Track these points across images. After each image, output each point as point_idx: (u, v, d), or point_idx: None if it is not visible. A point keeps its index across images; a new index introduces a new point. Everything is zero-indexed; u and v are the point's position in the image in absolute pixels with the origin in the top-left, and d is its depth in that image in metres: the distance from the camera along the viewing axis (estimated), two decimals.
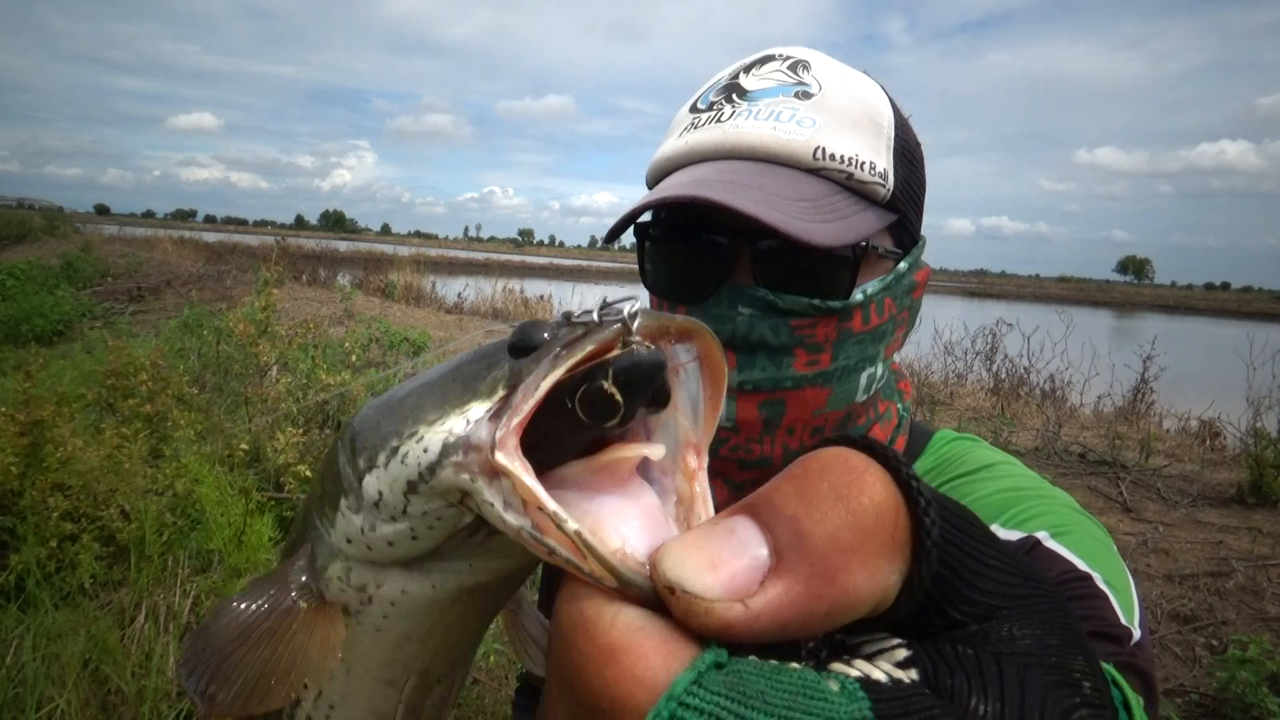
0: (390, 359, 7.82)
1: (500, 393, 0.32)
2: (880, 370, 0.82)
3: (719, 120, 0.80)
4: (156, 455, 3.85)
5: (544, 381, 0.30)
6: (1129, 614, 0.65)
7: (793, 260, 0.75)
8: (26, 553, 3.04)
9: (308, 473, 3.95)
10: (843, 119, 0.78)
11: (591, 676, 0.24)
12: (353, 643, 0.37)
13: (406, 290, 17.67)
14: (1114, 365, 9.69)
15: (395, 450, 0.33)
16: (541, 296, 18.24)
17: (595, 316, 0.31)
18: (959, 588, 0.25)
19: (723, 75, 0.86)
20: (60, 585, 3.06)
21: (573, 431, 0.31)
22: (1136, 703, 0.50)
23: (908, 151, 0.83)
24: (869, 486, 0.25)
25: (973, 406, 9.40)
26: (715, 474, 0.84)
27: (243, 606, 0.37)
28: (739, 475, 0.80)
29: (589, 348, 0.30)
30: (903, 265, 0.82)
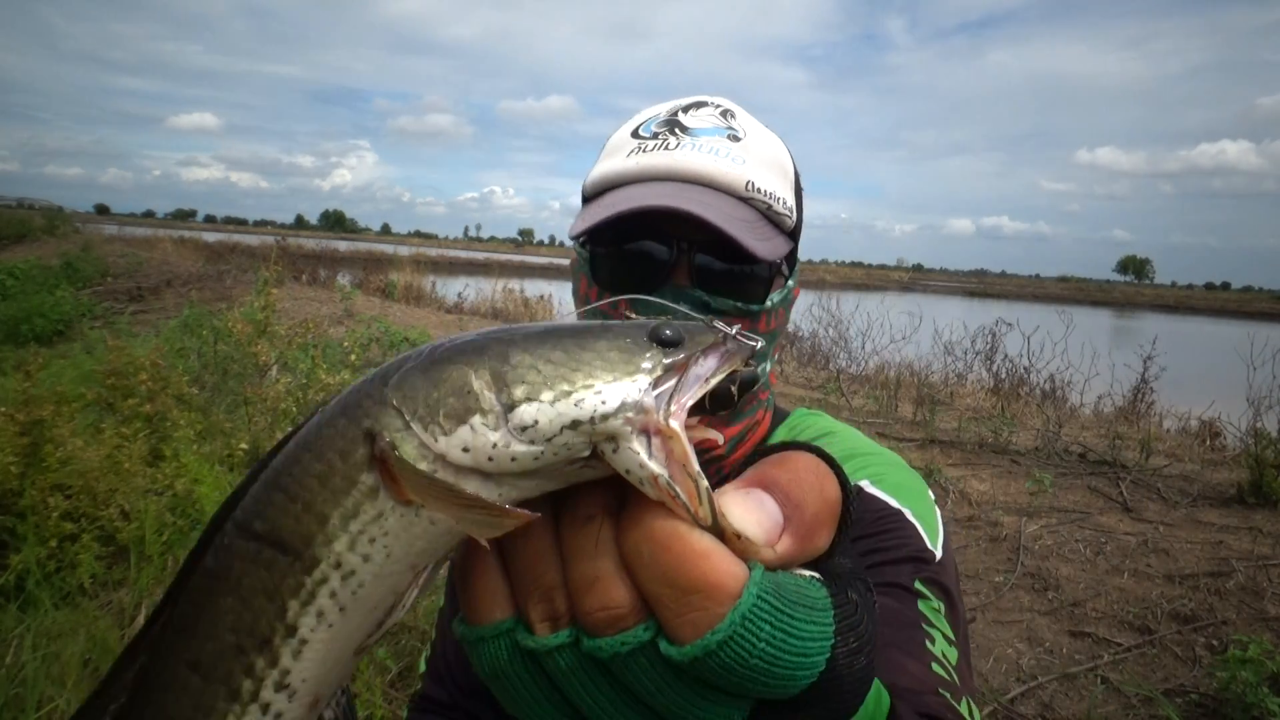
0: (390, 359, 7.81)
1: (659, 373, 0.41)
2: (769, 366, 1.02)
3: (667, 148, 0.95)
4: (156, 455, 3.85)
5: (715, 378, 0.42)
6: (933, 540, 0.87)
7: (725, 269, 0.91)
8: (26, 553, 3.04)
9: None
10: (763, 161, 0.97)
11: (690, 568, 0.36)
12: (403, 530, 0.40)
13: (406, 290, 17.66)
14: (1114, 365, 9.70)
15: (567, 394, 0.40)
16: (541, 296, 18.24)
17: (724, 333, 0.44)
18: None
19: (660, 111, 1.03)
20: (60, 585, 3.06)
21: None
22: (932, 608, 0.79)
23: (799, 196, 1.04)
24: (831, 483, 0.42)
25: (973, 406, 9.40)
26: None
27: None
28: None
29: (740, 359, 0.43)
30: (791, 283, 1.01)
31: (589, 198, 1.02)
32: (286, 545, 0.41)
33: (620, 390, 0.40)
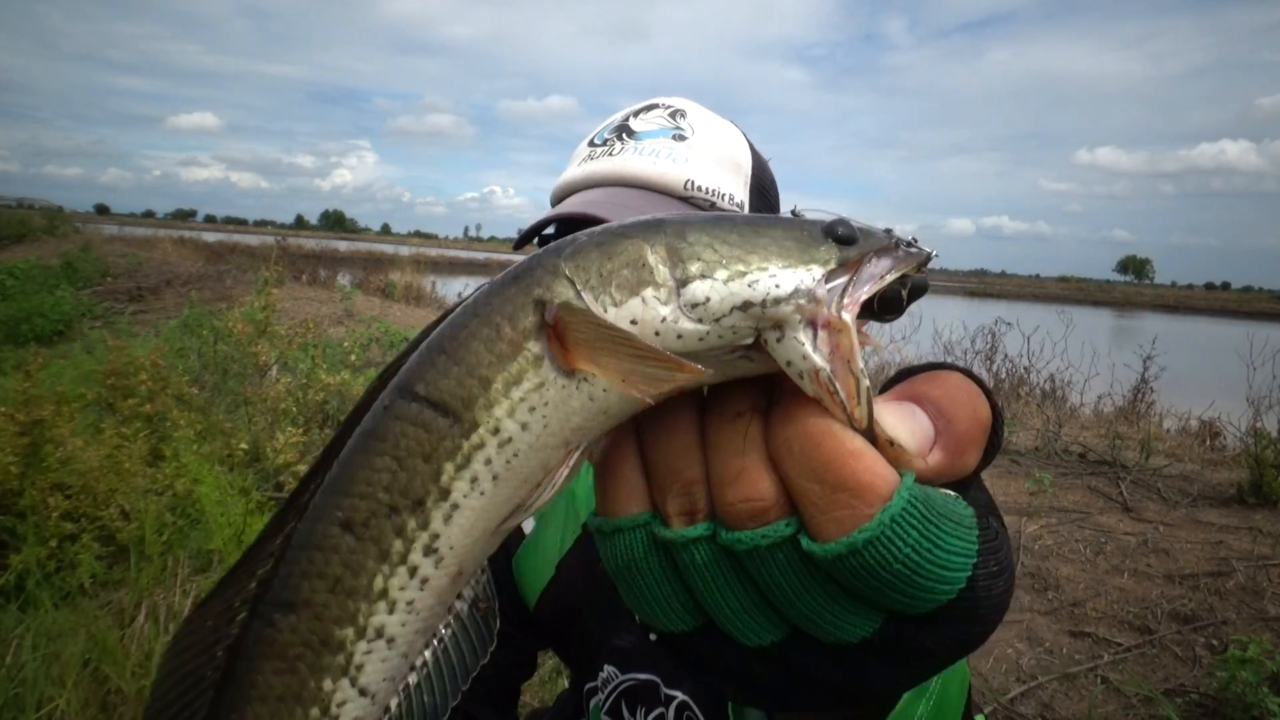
0: (390, 359, 7.81)
1: (832, 266, 0.41)
2: None
3: (610, 155, 0.99)
4: (156, 455, 3.85)
5: (889, 275, 0.41)
6: None
7: None
8: (26, 553, 3.04)
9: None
10: (709, 159, 0.98)
11: (841, 466, 0.37)
12: (562, 403, 0.40)
13: (406, 290, 17.67)
14: (1114, 365, 9.69)
15: (742, 274, 0.40)
16: None
17: (905, 239, 0.43)
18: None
19: (616, 118, 1.06)
20: (60, 585, 3.06)
21: None
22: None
23: (763, 188, 1.04)
24: (983, 403, 0.41)
25: None
26: None
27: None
28: None
29: (915, 263, 0.42)
30: None
31: (553, 206, 1.05)
32: (447, 407, 0.41)
33: (795, 276, 0.40)
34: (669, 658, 0.44)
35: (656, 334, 0.39)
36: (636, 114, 1.04)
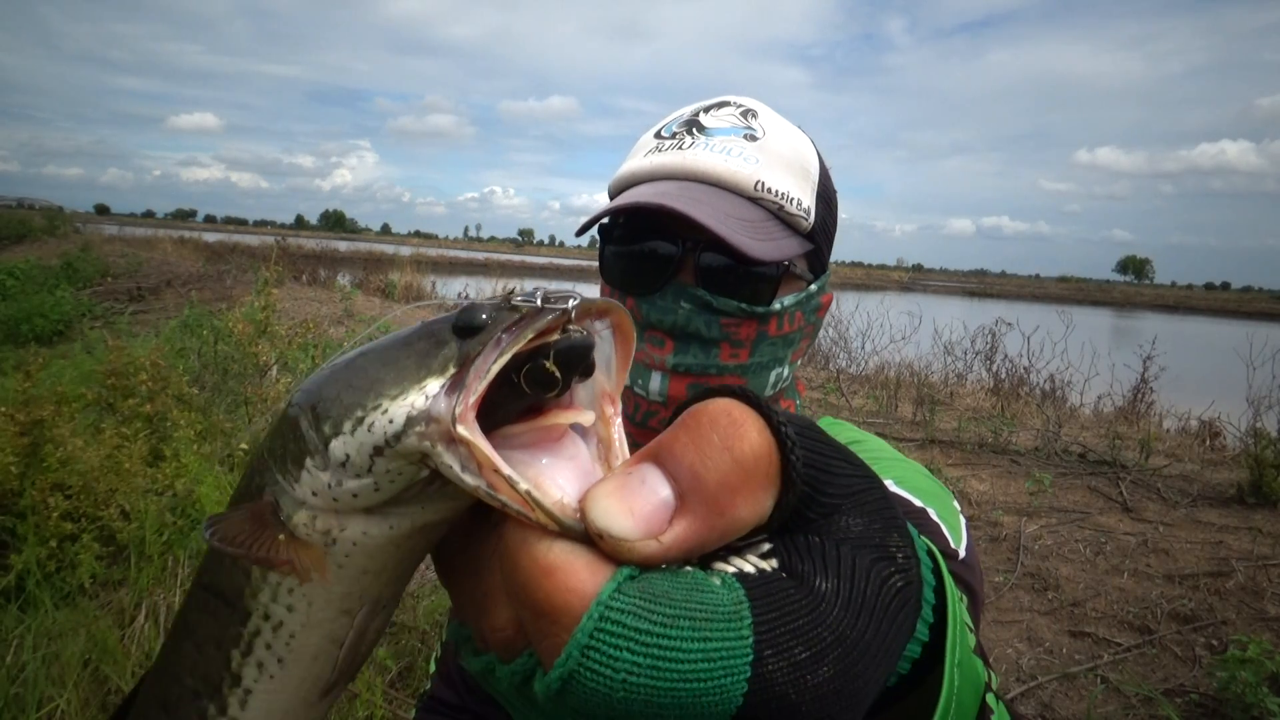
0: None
1: (451, 370, 0.36)
2: (786, 372, 0.99)
3: (680, 148, 0.95)
4: (157, 455, 3.85)
5: (494, 365, 0.35)
6: (956, 541, 0.84)
7: (729, 269, 0.90)
8: (26, 553, 3.04)
9: None
10: (779, 162, 0.95)
11: (534, 588, 0.30)
12: (320, 581, 0.40)
13: (406, 290, 17.67)
14: (1114, 365, 9.69)
15: (361, 420, 0.36)
16: None
17: (538, 302, 0.36)
18: (814, 496, 0.32)
19: (685, 111, 1.02)
20: (60, 585, 3.06)
21: (516, 397, 0.36)
22: (954, 594, 0.68)
23: (827, 196, 1.00)
24: (748, 435, 0.31)
25: (973, 406, 9.39)
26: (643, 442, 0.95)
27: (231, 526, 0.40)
28: None
29: (529, 336, 0.35)
30: (813, 287, 0.98)
31: (611, 197, 1.01)
32: (226, 596, 0.42)
33: (404, 403, 0.35)
34: None
35: (335, 499, 0.37)
36: (707, 110, 1.00)
